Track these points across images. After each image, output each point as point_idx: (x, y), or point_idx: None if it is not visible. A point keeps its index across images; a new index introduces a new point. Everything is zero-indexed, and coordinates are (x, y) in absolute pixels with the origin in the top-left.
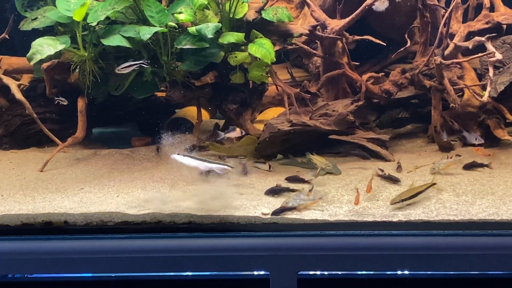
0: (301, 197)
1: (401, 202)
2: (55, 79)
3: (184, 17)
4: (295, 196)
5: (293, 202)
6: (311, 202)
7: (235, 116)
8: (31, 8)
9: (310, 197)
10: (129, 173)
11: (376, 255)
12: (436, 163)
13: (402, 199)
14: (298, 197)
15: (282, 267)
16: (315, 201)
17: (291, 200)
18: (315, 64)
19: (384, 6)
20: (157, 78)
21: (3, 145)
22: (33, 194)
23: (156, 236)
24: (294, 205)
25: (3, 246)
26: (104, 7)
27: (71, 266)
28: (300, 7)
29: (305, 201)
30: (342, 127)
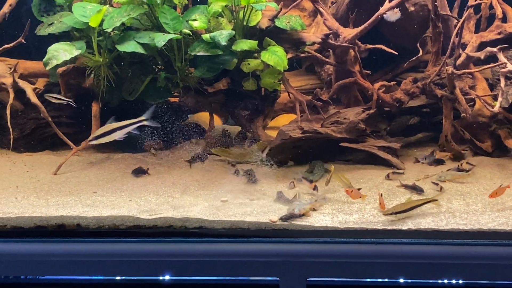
0: (303, 202)
1: (395, 214)
2: (70, 84)
3: (199, 24)
4: (298, 202)
5: (298, 208)
6: (312, 204)
7: (247, 122)
8: (48, 13)
9: (312, 200)
10: (141, 178)
11: (386, 263)
12: (443, 173)
13: (396, 212)
14: (300, 202)
15: (291, 273)
16: (317, 203)
17: (296, 207)
18: (327, 72)
19: (395, 17)
20: (171, 84)
21: (18, 148)
22: (46, 197)
23: (167, 241)
24: (301, 211)
25: (17, 248)
26: (120, 13)
27: (83, 269)
28: (313, 15)
29: (307, 204)
30: (353, 135)
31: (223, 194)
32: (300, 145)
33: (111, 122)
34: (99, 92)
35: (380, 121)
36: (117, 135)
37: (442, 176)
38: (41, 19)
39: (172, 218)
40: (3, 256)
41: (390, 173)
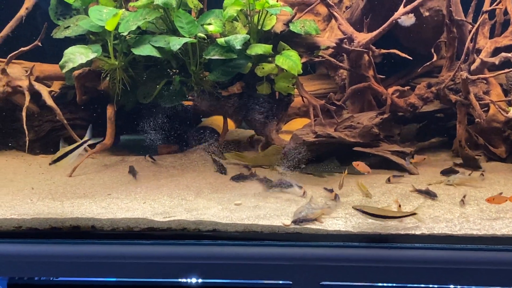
0: (312, 206)
1: (361, 212)
2: (86, 87)
3: (214, 28)
4: (307, 205)
5: (307, 211)
6: (322, 210)
7: (260, 126)
8: (64, 16)
9: (320, 205)
10: (155, 180)
11: (398, 268)
12: (452, 177)
13: (363, 211)
14: (309, 206)
15: (304, 276)
16: (327, 209)
17: (304, 209)
18: (341, 77)
19: (410, 22)
20: (185, 87)
21: (34, 150)
22: (61, 198)
23: (181, 243)
24: (309, 215)
25: (32, 249)
26: (136, 17)
27: (97, 270)
28: (327, 20)
29: (316, 209)
30: (366, 139)
31: (237, 197)
32: (313, 149)
33: (63, 145)
34: (114, 95)
35: (393, 125)
36: (70, 158)
37: (450, 180)
38: (57, 23)
39: (185, 221)
40: (18, 257)
41: (391, 177)
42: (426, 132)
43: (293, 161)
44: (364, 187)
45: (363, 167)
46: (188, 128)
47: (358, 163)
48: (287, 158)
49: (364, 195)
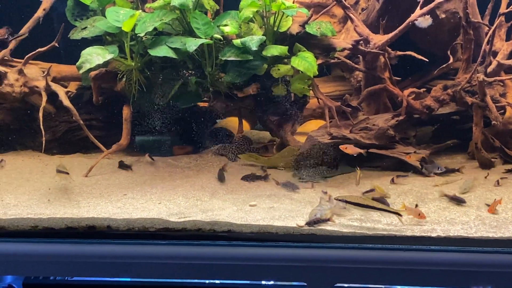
0: (323, 207)
1: (345, 202)
2: (102, 87)
3: (230, 29)
4: (319, 207)
5: (320, 213)
6: (332, 210)
7: (276, 127)
8: (81, 17)
9: (329, 206)
10: (170, 181)
11: (414, 270)
12: (465, 182)
13: (347, 201)
14: (321, 207)
15: (319, 278)
16: (337, 209)
17: (317, 211)
18: (356, 78)
19: (427, 23)
20: (201, 89)
21: (50, 150)
22: (77, 198)
23: (196, 244)
24: (323, 216)
25: (48, 249)
26: (152, 18)
27: (111, 270)
28: (343, 21)
29: (326, 210)
30: (382, 141)
31: (252, 198)
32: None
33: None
34: (130, 96)
35: (409, 128)
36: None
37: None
38: (74, 23)
39: (201, 221)
40: (34, 256)
41: (394, 177)
42: (442, 134)
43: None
44: (380, 188)
45: (352, 149)
46: (203, 129)
47: (346, 146)
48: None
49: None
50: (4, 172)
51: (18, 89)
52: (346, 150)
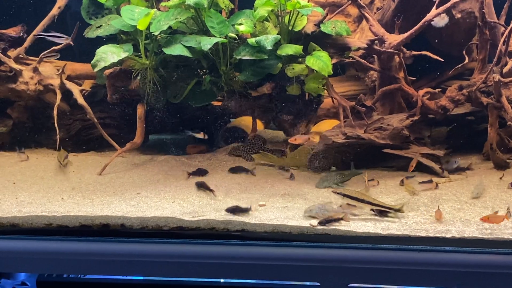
0: (325, 207)
1: (342, 195)
2: (116, 86)
3: (245, 28)
4: (319, 206)
5: (317, 211)
6: (335, 214)
7: (289, 127)
8: (96, 16)
9: (335, 208)
10: (184, 180)
11: (428, 271)
12: (476, 187)
13: (344, 194)
14: (323, 207)
15: (332, 278)
16: (338, 214)
17: (315, 209)
18: (370, 78)
19: (444, 22)
20: (215, 88)
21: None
22: (91, 196)
23: (209, 243)
24: (319, 215)
25: (62, 246)
26: (167, 17)
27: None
28: (358, 21)
29: (329, 212)
30: (396, 141)
31: (265, 197)
32: (343, 150)
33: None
34: (144, 95)
35: (423, 128)
36: None
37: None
38: (89, 22)
39: (214, 220)
40: (48, 254)
41: (404, 178)
42: (457, 135)
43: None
44: (409, 186)
45: (300, 138)
46: (217, 128)
47: (295, 137)
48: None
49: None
50: (18, 169)
51: (32, 87)
52: (296, 141)
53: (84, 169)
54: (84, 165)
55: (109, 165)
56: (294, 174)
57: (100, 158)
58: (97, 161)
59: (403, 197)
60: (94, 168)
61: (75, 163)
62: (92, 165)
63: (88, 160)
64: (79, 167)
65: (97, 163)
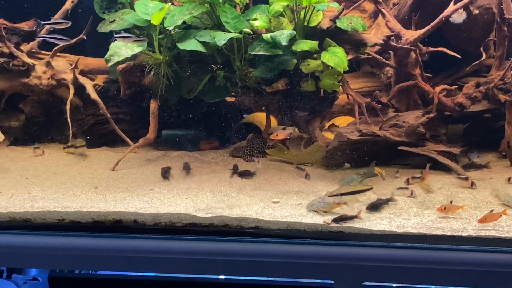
0: (325, 200)
1: (340, 196)
2: (129, 81)
3: (259, 23)
4: (319, 199)
5: (318, 204)
6: (335, 205)
7: (304, 123)
8: (109, 10)
9: (335, 200)
10: (198, 176)
11: (444, 270)
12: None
13: (342, 193)
14: (322, 200)
15: (346, 276)
16: (339, 204)
17: (315, 203)
18: (386, 75)
19: (462, 18)
20: (229, 83)
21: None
22: (104, 192)
23: (223, 239)
24: (320, 208)
25: (74, 242)
26: (182, 12)
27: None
28: (373, 16)
29: (329, 204)
30: (412, 138)
31: (279, 195)
32: (357, 147)
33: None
34: (158, 90)
35: (439, 125)
36: None
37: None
38: (102, 16)
39: (228, 217)
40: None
41: (410, 178)
42: (473, 132)
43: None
44: (425, 184)
45: (281, 134)
46: (230, 124)
47: (277, 133)
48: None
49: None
50: (31, 164)
51: (45, 81)
52: (276, 137)
53: (97, 164)
54: (96, 160)
55: (122, 160)
56: (309, 173)
57: (113, 154)
58: (110, 157)
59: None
60: (107, 163)
61: (88, 158)
62: (105, 160)
63: (101, 155)
64: (91, 163)
65: (110, 158)
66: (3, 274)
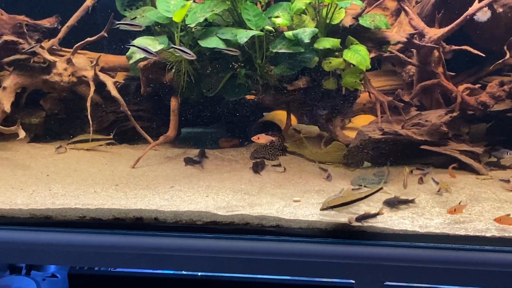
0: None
1: (331, 209)
2: (150, 78)
3: (281, 21)
4: (334, 196)
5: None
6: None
7: (325, 122)
8: (130, 7)
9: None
10: (218, 174)
11: (466, 270)
12: None
13: (332, 206)
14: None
15: (368, 276)
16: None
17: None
18: (408, 73)
19: (486, 17)
20: (250, 81)
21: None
22: (125, 189)
23: (243, 238)
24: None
25: (95, 239)
26: (203, 9)
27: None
28: (395, 14)
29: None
30: (434, 137)
31: (300, 193)
32: (379, 146)
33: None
34: (178, 87)
35: (462, 124)
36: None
37: None
38: (123, 13)
39: (249, 216)
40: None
41: (422, 176)
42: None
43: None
44: (444, 183)
45: (264, 138)
46: (250, 122)
47: (259, 136)
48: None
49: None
50: (51, 161)
51: (66, 78)
52: (259, 140)
53: (117, 161)
54: (117, 157)
55: (142, 158)
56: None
57: (133, 151)
58: (130, 154)
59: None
60: (127, 161)
61: (108, 156)
62: (125, 158)
63: (121, 152)
64: (112, 160)
65: (130, 155)
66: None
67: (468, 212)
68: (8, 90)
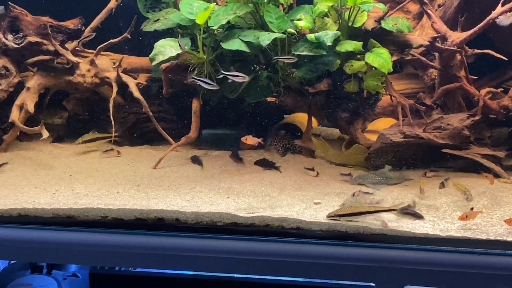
0: (357, 199)
1: (338, 217)
2: (172, 80)
3: (304, 24)
4: (351, 199)
5: (350, 204)
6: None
7: (346, 124)
8: (153, 9)
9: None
10: (238, 175)
11: (487, 274)
12: None
13: (339, 214)
14: (354, 199)
15: (388, 279)
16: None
17: (348, 203)
18: (430, 76)
19: (509, 21)
20: (272, 83)
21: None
22: (146, 190)
23: (264, 240)
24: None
25: (117, 239)
26: (226, 11)
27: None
28: (417, 18)
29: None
30: (456, 141)
31: (321, 196)
32: (400, 150)
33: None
34: (200, 89)
35: (484, 128)
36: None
37: None
38: (146, 15)
39: (269, 217)
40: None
41: (444, 181)
42: None
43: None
44: (461, 185)
45: (251, 140)
46: (270, 124)
47: (247, 137)
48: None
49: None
50: (74, 161)
51: (89, 79)
52: (247, 142)
53: (139, 162)
54: (138, 158)
55: (163, 159)
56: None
57: (154, 152)
58: (151, 155)
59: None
60: (149, 161)
61: (130, 156)
62: (147, 159)
63: (142, 153)
64: (133, 160)
65: (151, 156)
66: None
67: (490, 216)
68: (32, 91)
